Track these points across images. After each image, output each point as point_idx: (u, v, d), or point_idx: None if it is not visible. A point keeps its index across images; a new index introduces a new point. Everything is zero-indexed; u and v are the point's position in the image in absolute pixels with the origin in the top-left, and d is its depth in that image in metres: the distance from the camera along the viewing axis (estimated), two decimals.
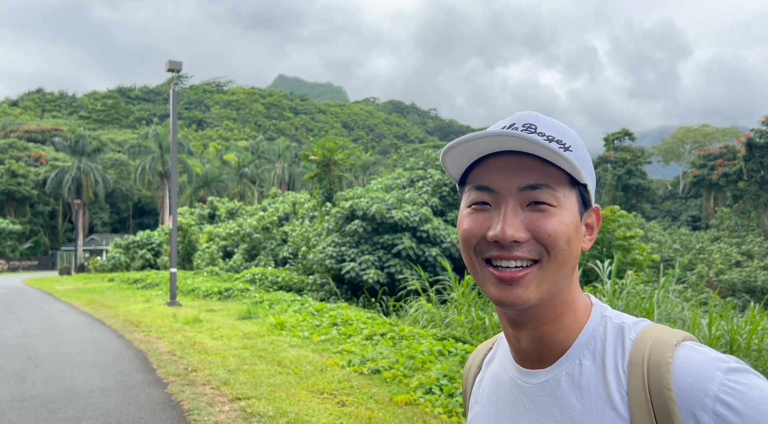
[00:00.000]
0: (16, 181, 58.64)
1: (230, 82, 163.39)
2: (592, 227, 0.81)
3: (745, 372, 0.66)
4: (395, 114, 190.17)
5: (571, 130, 0.80)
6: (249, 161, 67.82)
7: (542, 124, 0.78)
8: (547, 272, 0.74)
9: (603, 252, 11.11)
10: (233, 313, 13.46)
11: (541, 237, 0.73)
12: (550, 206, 0.74)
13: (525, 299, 0.74)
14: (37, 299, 19.51)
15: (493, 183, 0.76)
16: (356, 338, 9.39)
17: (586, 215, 0.79)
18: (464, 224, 0.78)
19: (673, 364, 0.68)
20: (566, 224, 0.74)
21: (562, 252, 0.74)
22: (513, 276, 0.73)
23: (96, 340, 9.87)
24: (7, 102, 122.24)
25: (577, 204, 0.77)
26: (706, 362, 0.67)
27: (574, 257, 0.76)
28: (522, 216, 0.74)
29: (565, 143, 0.77)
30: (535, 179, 0.74)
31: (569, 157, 0.71)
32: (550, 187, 0.74)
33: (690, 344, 0.71)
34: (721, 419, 0.64)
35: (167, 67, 15.15)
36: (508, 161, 0.75)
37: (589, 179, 0.78)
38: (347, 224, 15.86)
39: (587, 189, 0.78)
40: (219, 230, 31.29)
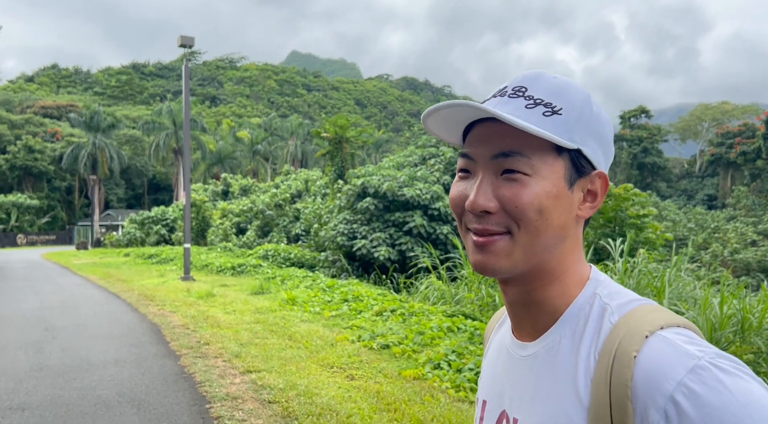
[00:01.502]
0: (33, 157, 59.29)
1: (243, 59, 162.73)
2: (595, 193, 0.76)
3: (720, 372, 0.59)
4: (409, 91, 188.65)
5: (577, 90, 0.75)
6: (262, 138, 67.87)
7: (536, 86, 0.74)
8: (519, 242, 0.72)
9: (616, 230, 11.03)
10: (246, 288, 13.61)
11: (509, 208, 0.71)
12: (524, 175, 0.71)
13: (496, 266, 0.72)
14: (54, 273, 19.87)
15: (472, 151, 0.75)
16: (366, 314, 9.48)
17: (584, 181, 0.74)
18: (451, 192, 0.78)
19: (638, 357, 0.63)
20: (539, 194, 0.70)
21: (533, 223, 0.71)
22: (485, 242, 0.72)
23: (111, 313, 10.05)
24: (24, 78, 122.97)
25: (563, 171, 0.72)
26: (673, 357, 0.61)
27: (554, 227, 0.72)
28: (495, 185, 0.72)
29: (554, 106, 0.72)
30: (508, 146, 0.71)
31: (533, 127, 0.68)
32: (523, 154, 0.71)
33: (669, 333, 0.64)
34: (668, 421, 0.59)
35: (179, 43, 15.10)
36: (487, 128, 0.74)
37: (589, 143, 0.73)
38: (359, 201, 15.87)
39: (583, 154, 0.73)
40: (232, 206, 31.50)
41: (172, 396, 5.12)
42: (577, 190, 0.74)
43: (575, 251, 0.76)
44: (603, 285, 0.75)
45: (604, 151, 0.76)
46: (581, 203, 0.75)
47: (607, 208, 11.10)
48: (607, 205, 11.07)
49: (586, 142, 0.73)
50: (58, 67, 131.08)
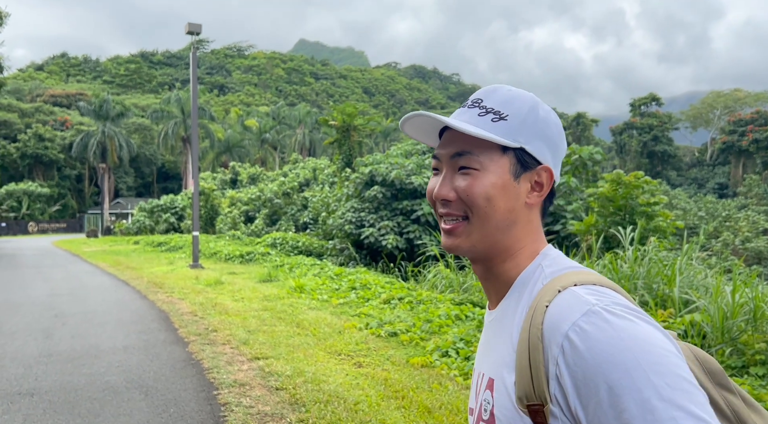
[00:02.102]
0: (43, 145, 59.64)
1: (251, 47, 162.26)
2: (541, 184, 0.89)
3: (609, 314, 0.71)
4: (417, 79, 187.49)
5: (524, 99, 0.89)
6: (270, 127, 67.81)
7: (491, 98, 0.89)
8: (474, 225, 0.87)
9: (626, 218, 10.92)
10: (254, 276, 13.64)
11: (462, 197, 0.87)
12: (474, 170, 0.87)
13: (457, 246, 0.89)
14: (64, 260, 20.02)
15: (439, 152, 0.92)
16: (374, 301, 9.47)
17: (530, 174, 0.88)
18: (428, 187, 0.94)
19: (549, 306, 0.76)
20: (485, 185, 0.86)
21: (483, 209, 0.86)
22: (449, 228, 0.89)
23: (120, 300, 10.11)
24: (33, 66, 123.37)
25: (508, 166, 0.87)
26: (573, 304, 0.74)
27: (501, 212, 0.86)
28: (453, 179, 0.88)
29: (502, 113, 0.87)
30: (460, 147, 0.88)
31: (476, 129, 0.84)
32: (472, 153, 0.87)
33: (578, 288, 0.76)
34: (564, 355, 0.71)
35: (187, 30, 15.03)
36: (450, 133, 0.91)
37: (534, 142, 0.87)
38: (366, 189, 15.83)
39: (527, 152, 0.87)
40: (241, 195, 31.55)
41: (180, 382, 5.13)
42: (524, 181, 0.88)
43: (530, 233, 0.90)
44: (549, 258, 0.88)
45: (550, 148, 0.89)
46: (529, 193, 0.89)
47: (617, 196, 10.98)
48: (617, 193, 10.96)
49: (530, 141, 0.87)
50: (67, 56, 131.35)
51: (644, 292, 7.30)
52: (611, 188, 11.00)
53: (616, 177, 10.93)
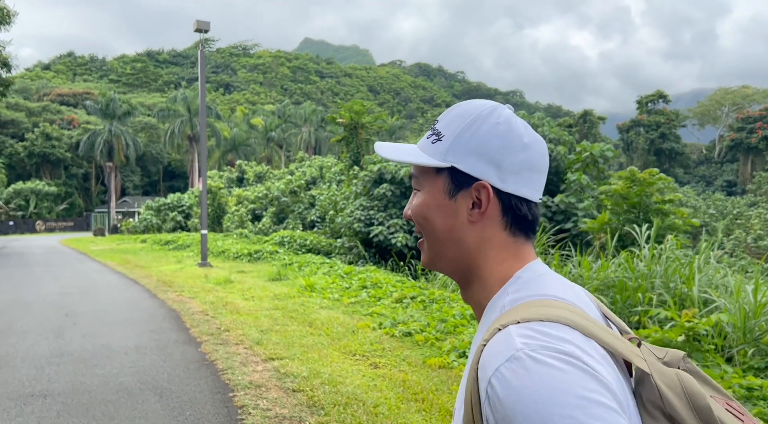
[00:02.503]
0: (50, 144, 59.84)
1: (256, 46, 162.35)
2: (481, 201, 0.86)
3: (531, 361, 0.67)
4: (422, 77, 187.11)
5: (463, 116, 0.86)
6: (276, 125, 67.80)
7: (445, 117, 0.89)
8: (427, 242, 0.90)
9: (640, 216, 10.77)
10: (263, 274, 13.57)
11: (410, 216, 0.91)
12: (417, 191, 0.90)
13: (423, 260, 0.93)
14: (73, 259, 20.01)
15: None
16: (386, 300, 9.37)
17: (467, 192, 0.85)
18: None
19: (485, 347, 0.73)
20: (420, 205, 0.88)
21: (423, 227, 0.89)
22: (419, 244, 0.93)
23: (130, 299, 10.05)
24: (40, 65, 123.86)
25: (443, 185, 0.86)
26: (502, 347, 0.70)
27: (441, 231, 0.87)
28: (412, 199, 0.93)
29: (440, 133, 0.87)
30: (412, 170, 0.92)
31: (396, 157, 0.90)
32: (416, 176, 0.90)
33: (516, 327, 0.72)
34: (489, 399, 0.69)
35: (195, 28, 14.95)
36: None
37: (468, 160, 0.84)
38: (375, 187, 15.73)
39: (458, 170, 0.85)
40: (247, 193, 31.51)
41: (195, 384, 5.04)
42: (462, 199, 0.85)
43: (492, 253, 0.86)
44: (520, 282, 0.83)
45: (491, 163, 0.84)
46: (470, 210, 0.85)
47: (631, 194, 10.84)
48: (631, 191, 10.81)
49: (462, 159, 0.84)
50: (74, 55, 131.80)
51: (662, 291, 7.18)
52: (625, 186, 10.86)
53: (630, 174, 10.79)
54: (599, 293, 8.12)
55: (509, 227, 0.86)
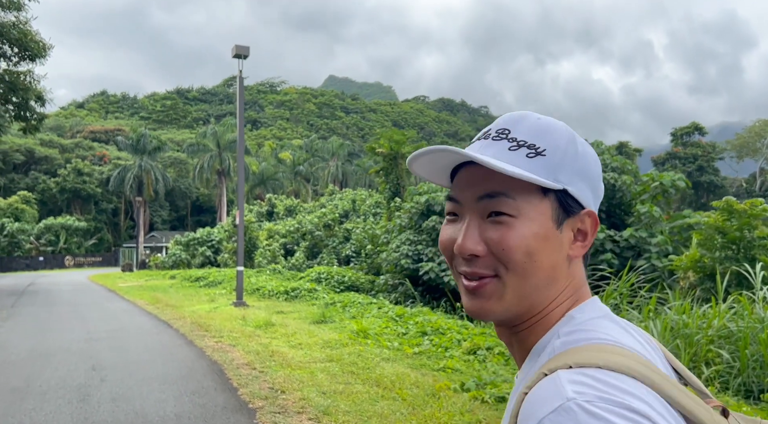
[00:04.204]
0: (81, 180, 60.32)
1: (283, 83, 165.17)
2: (585, 232, 0.75)
3: (585, 413, 0.56)
4: (445, 112, 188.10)
5: (560, 130, 0.75)
6: (304, 159, 67.71)
7: (519, 128, 0.74)
8: (509, 285, 0.71)
9: (740, 253, 9.39)
10: (305, 315, 12.42)
11: (496, 251, 0.71)
12: (510, 217, 0.71)
13: (488, 309, 0.73)
14: (101, 297, 19.13)
15: (458, 194, 0.76)
16: (455, 351, 8.12)
17: (573, 220, 0.74)
18: (441, 236, 0.78)
19: (528, 394, 0.64)
20: (526, 237, 0.70)
21: (522, 265, 0.71)
22: (476, 286, 0.72)
23: (164, 346, 8.94)
24: (74, 104, 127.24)
25: (550, 211, 0.72)
26: (547, 396, 0.60)
27: (543, 269, 0.71)
28: (482, 228, 0.72)
29: (537, 147, 0.72)
30: (492, 188, 0.72)
31: (510, 169, 0.68)
32: (509, 196, 0.71)
33: (568, 373, 0.61)
34: None
35: (234, 53, 14.26)
36: (471, 171, 0.75)
37: (575, 182, 0.73)
38: (423, 220, 14.59)
39: (569, 194, 0.73)
40: (278, 227, 30.63)
41: None
42: (566, 229, 0.73)
43: (567, 290, 0.74)
44: (573, 322, 0.71)
45: (592, 189, 0.75)
46: (572, 243, 0.74)
47: (729, 227, 9.48)
48: (730, 225, 9.46)
49: (572, 181, 0.73)
50: (106, 94, 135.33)
51: None
52: (721, 218, 9.52)
53: (727, 205, 9.46)
54: (713, 346, 6.77)
55: (586, 262, 0.78)
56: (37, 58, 21.91)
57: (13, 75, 21.58)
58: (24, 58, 21.85)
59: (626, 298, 9.43)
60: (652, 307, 8.29)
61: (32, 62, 22.16)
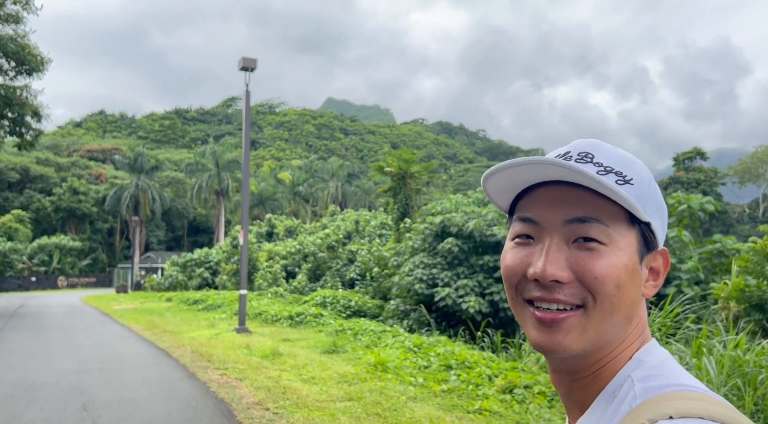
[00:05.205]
0: (77, 199, 59.43)
1: (282, 104, 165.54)
2: (657, 271, 0.71)
3: None
4: (443, 135, 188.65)
5: (638, 162, 0.72)
6: (303, 180, 67.12)
7: (601, 154, 0.70)
8: (593, 319, 0.66)
9: None
10: (314, 344, 11.58)
11: (586, 279, 0.66)
12: (600, 244, 0.66)
13: (566, 346, 0.67)
14: (94, 320, 18.19)
15: (538, 215, 0.70)
16: (488, 389, 7.29)
17: (649, 257, 0.70)
18: (506, 259, 0.71)
19: None
20: (617, 267, 0.66)
21: (610, 298, 0.66)
22: (554, 318, 0.66)
23: (163, 380, 8.08)
24: (72, 123, 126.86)
25: (636, 244, 0.68)
26: None
27: (627, 305, 0.67)
28: (567, 253, 0.67)
29: (625, 175, 0.68)
30: (584, 212, 0.67)
31: (622, 191, 0.64)
32: (602, 222, 0.67)
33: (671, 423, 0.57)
34: None
35: (240, 66, 13.63)
36: (556, 192, 0.69)
37: (655, 217, 0.69)
38: (438, 242, 13.83)
39: (651, 228, 0.69)
40: (279, 248, 29.79)
41: None
42: (644, 266, 0.69)
43: (636, 330, 0.70)
44: (645, 366, 0.67)
45: (663, 227, 0.72)
46: (646, 281, 0.70)
47: None
48: None
49: (654, 216, 0.69)
50: (104, 113, 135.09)
51: None
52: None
53: None
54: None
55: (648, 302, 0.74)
56: (35, 72, 21.31)
57: (9, 89, 20.94)
58: (21, 72, 21.24)
59: (669, 330, 8.68)
60: (703, 341, 7.51)
61: (29, 77, 21.56)
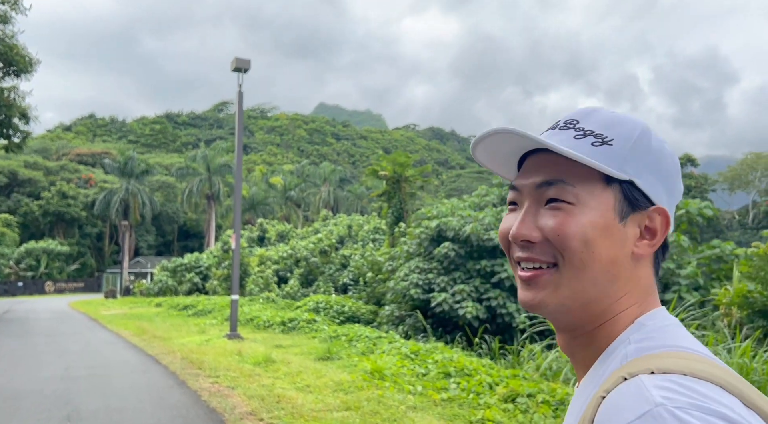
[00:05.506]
0: (66, 203, 58.74)
1: (274, 109, 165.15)
2: (653, 230, 0.69)
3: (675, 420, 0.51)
4: (435, 140, 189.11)
5: (633, 122, 0.71)
6: (295, 184, 66.81)
7: (588, 119, 0.72)
8: (565, 275, 0.68)
9: None
10: (307, 350, 11.31)
11: (551, 237, 0.68)
12: (568, 204, 0.68)
13: (541, 301, 0.69)
14: (82, 326, 17.80)
15: (518, 182, 0.74)
16: (489, 398, 7.06)
17: (639, 216, 0.69)
18: (501, 226, 0.76)
19: (605, 399, 0.59)
20: (582, 224, 0.67)
21: (578, 255, 0.67)
22: (531, 276, 0.70)
23: (153, 388, 7.79)
24: (61, 127, 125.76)
25: (612, 202, 0.68)
26: (631, 401, 0.55)
27: (602, 262, 0.67)
28: (539, 214, 0.70)
29: (605, 137, 0.69)
30: (550, 175, 0.69)
31: (581, 153, 0.66)
32: (567, 182, 0.68)
33: (651, 378, 0.56)
34: None
35: (233, 66, 13.38)
36: (535, 159, 0.73)
37: (644, 175, 0.69)
38: (434, 246, 13.62)
39: (636, 186, 0.68)
40: (270, 253, 29.46)
41: None
42: (631, 225, 0.69)
43: (635, 294, 0.69)
44: (645, 330, 0.67)
45: (666, 186, 0.71)
46: (637, 240, 0.69)
47: None
48: None
49: (641, 174, 0.69)
50: (94, 117, 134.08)
51: None
52: None
53: None
54: None
55: (656, 266, 0.72)
56: (23, 73, 20.93)
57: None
58: (9, 73, 20.85)
59: None
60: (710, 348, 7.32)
61: (17, 78, 21.18)
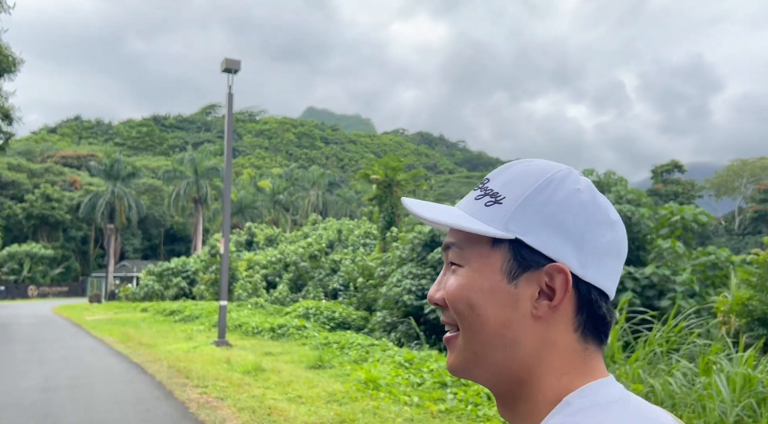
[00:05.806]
0: (50, 206, 57.82)
1: (262, 112, 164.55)
2: (553, 289, 0.63)
3: None
4: (424, 145, 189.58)
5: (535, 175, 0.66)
6: (284, 188, 66.38)
7: (501, 176, 0.69)
8: (464, 339, 0.66)
9: None
10: (298, 358, 11.02)
11: (446, 301, 0.67)
12: (458, 267, 0.67)
13: (451, 364, 0.69)
14: (65, 332, 17.34)
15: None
16: (488, 409, 6.85)
17: (535, 275, 0.64)
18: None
19: None
20: (465, 287, 0.65)
21: (466, 318, 0.65)
22: (445, 339, 0.69)
23: (138, 399, 7.47)
24: (46, 129, 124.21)
25: (500, 263, 0.65)
26: None
27: (491, 326, 0.64)
28: (445, 277, 0.69)
29: (499, 195, 0.66)
30: (450, 238, 0.70)
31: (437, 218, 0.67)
32: (458, 245, 0.68)
33: None
34: None
35: (223, 67, 13.10)
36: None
37: (539, 232, 0.64)
38: (427, 252, 13.39)
39: (525, 244, 0.64)
40: (259, 257, 29.09)
41: None
42: (525, 285, 0.64)
43: (549, 361, 0.64)
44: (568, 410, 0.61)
45: (569, 240, 0.64)
46: (536, 301, 0.64)
47: None
48: None
49: (531, 231, 0.64)
50: (80, 119, 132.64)
51: None
52: None
53: None
54: None
55: (581, 329, 0.65)
56: (6, 73, 20.46)
57: None
58: None
59: (673, 345, 8.34)
60: (712, 357, 7.17)
61: (0, 78, 20.71)
